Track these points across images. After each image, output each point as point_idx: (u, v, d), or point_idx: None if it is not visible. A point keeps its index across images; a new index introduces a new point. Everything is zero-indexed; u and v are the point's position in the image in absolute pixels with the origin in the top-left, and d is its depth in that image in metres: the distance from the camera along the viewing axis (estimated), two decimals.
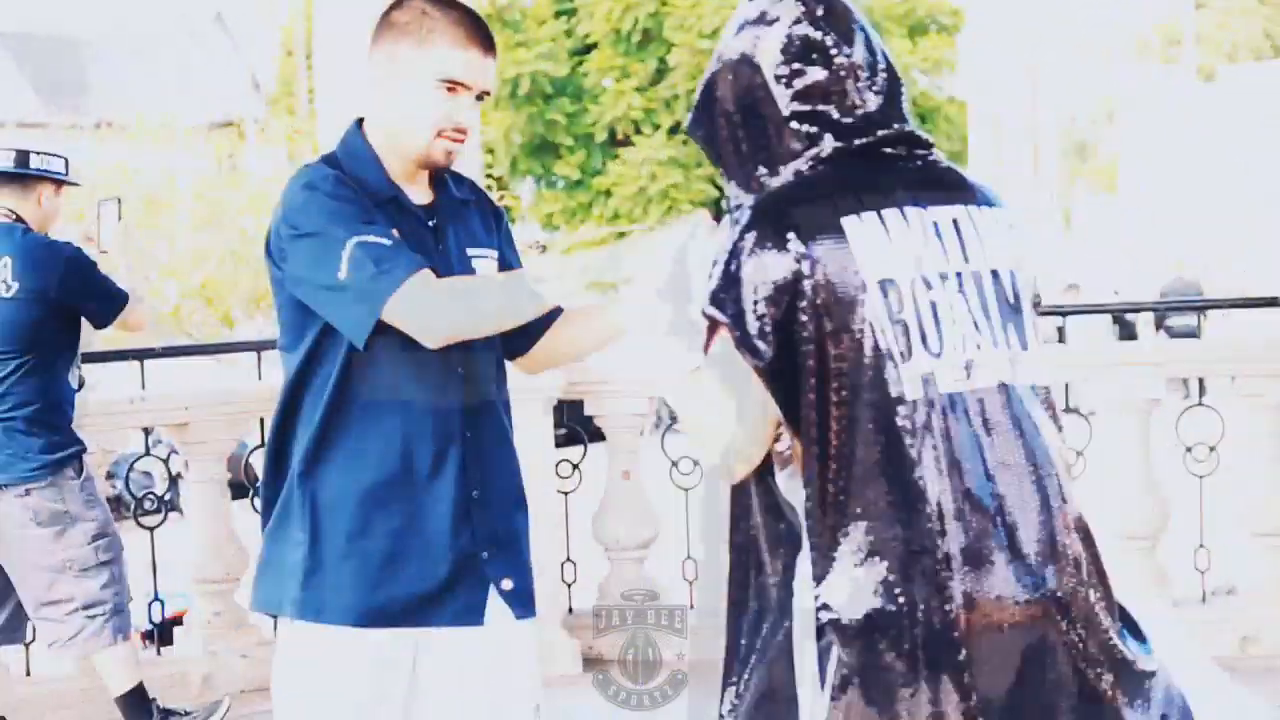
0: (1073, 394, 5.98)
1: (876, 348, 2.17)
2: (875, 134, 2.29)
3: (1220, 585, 5.91)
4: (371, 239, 2.52)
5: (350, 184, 2.63)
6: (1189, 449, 5.76)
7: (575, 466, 5.81)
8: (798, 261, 2.18)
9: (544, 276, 2.61)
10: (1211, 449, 5.74)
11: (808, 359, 2.18)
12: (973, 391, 2.21)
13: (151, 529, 5.54)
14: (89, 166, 23.66)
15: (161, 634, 5.65)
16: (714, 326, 2.24)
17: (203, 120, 25.65)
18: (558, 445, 5.87)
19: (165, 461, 6.11)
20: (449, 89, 2.64)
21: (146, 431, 5.81)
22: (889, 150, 2.30)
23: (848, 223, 2.21)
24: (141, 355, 5.60)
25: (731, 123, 2.33)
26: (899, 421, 2.16)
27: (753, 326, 2.19)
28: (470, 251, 2.74)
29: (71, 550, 4.73)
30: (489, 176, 25.81)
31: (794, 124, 2.28)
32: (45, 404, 4.69)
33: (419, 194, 2.73)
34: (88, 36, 32.60)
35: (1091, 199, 34.91)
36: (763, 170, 2.30)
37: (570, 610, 5.88)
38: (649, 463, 5.95)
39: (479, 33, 2.66)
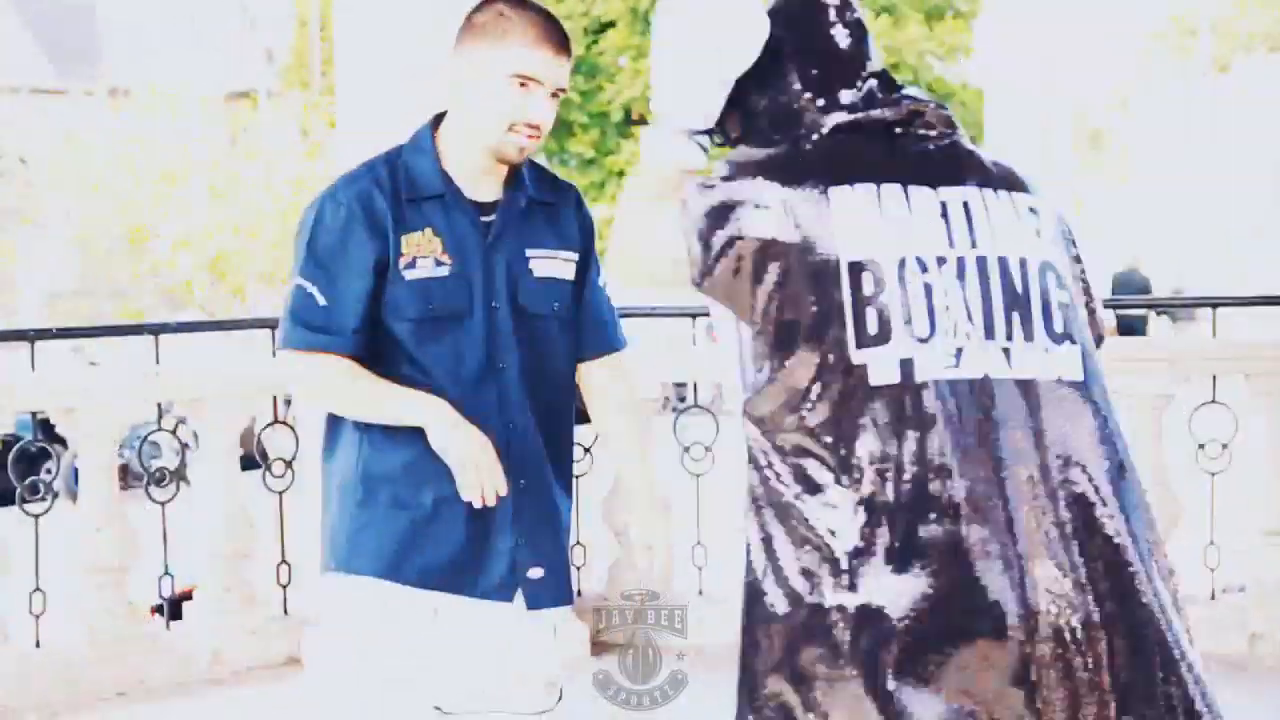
0: None
1: (846, 326, 2.18)
2: (878, 110, 2.30)
3: (1230, 583, 5.90)
4: (309, 287, 2.74)
5: (361, 201, 2.78)
6: (1201, 445, 5.75)
7: (586, 450, 5.80)
8: (779, 224, 2.21)
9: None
10: (1224, 446, 5.73)
11: (776, 318, 2.22)
12: (959, 380, 2.18)
13: (163, 503, 5.54)
14: (102, 134, 23.63)
15: (171, 609, 5.65)
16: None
17: (216, 90, 25.58)
18: None
19: (174, 433, 6.09)
20: (521, 84, 2.76)
21: (158, 405, 5.80)
22: (899, 130, 2.31)
23: (836, 193, 2.21)
24: (157, 330, 5.60)
25: (753, 102, 2.41)
26: (871, 404, 2.16)
27: (726, 271, 2.26)
28: (530, 252, 2.85)
29: None
30: None
31: (805, 96, 2.34)
32: None
33: (487, 191, 2.85)
34: (100, 2, 32.52)
35: (1104, 188, 34.84)
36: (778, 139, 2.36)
37: (579, 593, 5.89)
38: (660, 447, 5.94)
39: (554, 33, 2.79)
